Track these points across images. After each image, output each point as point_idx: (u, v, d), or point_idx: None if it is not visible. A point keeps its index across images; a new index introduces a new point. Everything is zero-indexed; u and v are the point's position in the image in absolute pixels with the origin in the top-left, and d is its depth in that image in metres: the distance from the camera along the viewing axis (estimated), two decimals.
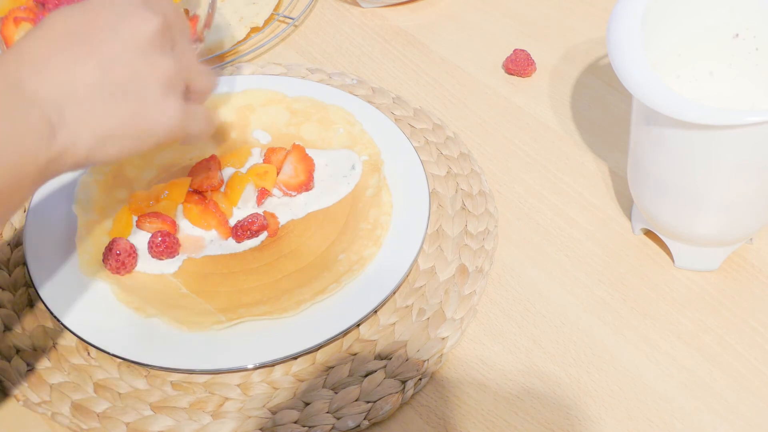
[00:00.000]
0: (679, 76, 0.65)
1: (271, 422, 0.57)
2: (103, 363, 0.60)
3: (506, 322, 0.62)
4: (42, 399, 0.58)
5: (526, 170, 0.73)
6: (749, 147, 0.55)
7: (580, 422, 0.57)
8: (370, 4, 0.89)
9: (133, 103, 0.52)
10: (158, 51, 0.53)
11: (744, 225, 0.61)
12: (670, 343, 0.61)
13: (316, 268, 0.64)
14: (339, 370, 0.59)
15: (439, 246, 0.66)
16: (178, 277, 0.64)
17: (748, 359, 0.60)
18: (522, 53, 0.80)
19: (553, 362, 0.60)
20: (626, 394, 0.58)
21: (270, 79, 0.78)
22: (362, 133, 0.72)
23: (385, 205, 0.67)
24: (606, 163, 0.73)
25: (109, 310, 0.61)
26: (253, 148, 0.73)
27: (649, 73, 0.55)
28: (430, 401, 0.59)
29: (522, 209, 0.70)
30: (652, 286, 0.64)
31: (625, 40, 0.56)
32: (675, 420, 0.57)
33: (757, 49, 0.63)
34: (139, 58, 0.52)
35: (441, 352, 0.60)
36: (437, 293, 0.63)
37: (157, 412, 0.58)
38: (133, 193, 0.68)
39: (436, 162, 0.72)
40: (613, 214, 0.69)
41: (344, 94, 0.76)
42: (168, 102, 0.53)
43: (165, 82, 0.53)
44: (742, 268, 0.65)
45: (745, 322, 0.62)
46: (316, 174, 0.70)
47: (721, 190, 0.58)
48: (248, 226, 0.66)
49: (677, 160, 0.57)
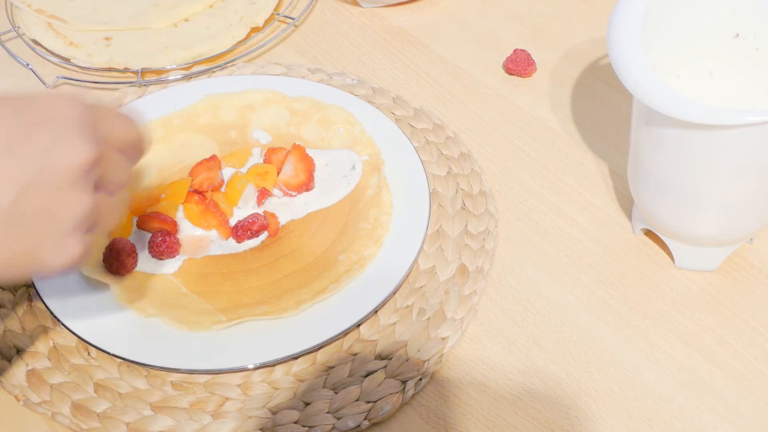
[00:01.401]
0: (679, 76, 0.65)
1: (271, 422, 0.57)
2: (104, 363, 0.60)
3: (506, 322, 0.63)
4: (42, 399, 0.58)
5: (526, 170, 0.73)
6: (749, 147, 0.55)
7: (580, 422, 0.57)
8: (370, 4, 0.89)
9: (32, 239, 0.47)
10: (80, 187, 0.47)
11: (744, 225, 0.61)
12: (670, 343, 0.61)
13: (316, 268, 0.64)
14: (339, 370, 0.59)
15: (439, 246, 0.66)
16: (179, 277, 0.64)
17: (748, 359, 0.60)
18: (522, 53, 0.80)
19: (553, 362, 0.60)
20: (626, 393, 0.58)
21: (270, 79, 0.78)
22: (362, 133, 0.72)
23: (386, 205, 0.67)
24: (606, 163, 0.73)
25: (109, 310, 0.61)
26: (254, 148, 0.73)
27: (649, 73, 0.55)
28: (431, 401, 0.59)
29: (522, 209, 0.70)
30: (653, 286, 0.64)
31: (625, 40, 0.56)
32: (675, 420, 0.57)
33: (757, 49, 0.63)
34: (57, 193, 0.46)
35: (441, 352, 0.60)
36: (437, 293, 0.63)
37: (158, 412, 0.58)
38: (133, 193, 0.68)
39: (436, 162, 0.72)
40: (614, 214, 0.69)
41: (344, 94, 0.76)
42: (70, 241, 0.48)
43: (75, 222, 0.48)
44: (743, 268, 0.65)
45: (745, 322, 0.62)
46: (317, 174, 0.70)
47: (721, 190, 0.58)
48: (248, 226, 0.66)
49: (677, 160, 0.57)
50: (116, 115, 0.51)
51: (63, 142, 0.46)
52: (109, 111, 0.50)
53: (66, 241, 0.48)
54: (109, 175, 0.50)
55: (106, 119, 0.50)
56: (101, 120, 0.49)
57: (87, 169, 0.47)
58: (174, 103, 0.75)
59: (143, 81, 0.80)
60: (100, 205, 0.49)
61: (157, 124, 0.74)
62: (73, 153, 0.46)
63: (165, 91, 0.77)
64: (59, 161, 0.46)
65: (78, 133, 0.47)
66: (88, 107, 0.48)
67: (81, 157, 0.46)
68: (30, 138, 0.46)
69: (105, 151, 0.48)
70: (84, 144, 0.47)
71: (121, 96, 0.79)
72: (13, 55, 0.83)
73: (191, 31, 0.85)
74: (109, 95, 0.79)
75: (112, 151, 0.50)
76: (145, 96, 0.78)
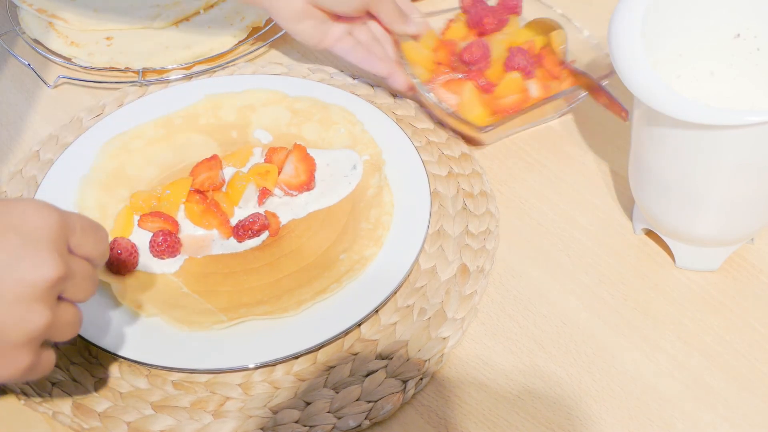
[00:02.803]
0: (679, 76, 0.65)
1: (272, 422, 0.57)
2: (104, 362, 0.60)
3: (507, 321, 0.63)
4: (43, 398, 0.58)
5: (527, 170, 0.73)
6: (750, 147, 0.55)
7: (580, 422, 0.57)
8: None
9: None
10: (39, 302, 0.45)
11: (745, 225, 0.61)
12: (671, 343, 0.61)
13: (317, 267, 0.64)
14: (340, 370, 0.59)
15: (440, 246, 0.66)
16: (179, 277, 0.64)
17: (748, 359, 0.60)
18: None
19: (554, 362, 0.60)
20: (627, 393, 0.58)
21: (271, 79, 0.78)
22: (363, 132, 0.72)
23: (387, 204, 0.67)
24: (607, 163, 0.73)
25: (110, 310, 0.61)
26: (255, 147, 0.73)
27: (649, 73, 0.55)
28: (431, 401, 0.59)
29: (523, 209, 0.70)
30: (653, 286, 0.64)
31: (625, 40, 0.56)
32: (675, 420, 0.57)
33: (758, 50, 0.63)
34: (13, 308, 0.45)
35: (442, 352, 0.60)
36: (438, 293, 0.63)
37: (158, 411, 0.58)
38: (134, 193, 0.68)
39: (437, 162, 0.72)
40: (614, 214, 0.69)
41: (345, 93, 0.76)
42: (19, 353, 0.46)
43: (27, 336, 0.46)
44: (743, 268, 0.65)
45: (745, 322, 0.62)
46: (318, 174, 0.70)
47: (721, 190, 0.58)
48: (249, 225, 0.66)
49: (678, 159, 0.58)
50: (88, 227, 0.49)
51: (27, 255, 0.45)
52: (81, 223, 0.49)
53: (14, 352, 0.46)
54: (74, 289, 0.48)
55: (78, 232, 0.48)
56: (72, 233, 0.48)
57: (50, 285, 0.45)
58: (175, 102, 0.75)
59: (144, 81, 0.80)
60: (60, 317, 0.47)
61: (158, 124, 0.74)
62: (36, 268, 0.45)
63: (166, 90, 0.77)
64: (21, 275, 0.44)
65: (44, 248, 0.45)
66: (61, 219, 0.47)
67: (44, 274, 0.45)
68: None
69: (72, 265, 0.47)
70: (50, 260, 0.45)
71: (121, 95, 0.79)
72: (15, 54, 0.83)
73: (192, 31, 0.85)
74: (110, 94, 0.79)
75: (79, 263, 0.48)
76: (146, 96, 0.78)
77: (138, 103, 0.76)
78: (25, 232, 0.45)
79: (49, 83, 0.81)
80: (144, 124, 0.74)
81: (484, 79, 0.72)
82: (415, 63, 0.74)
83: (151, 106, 0.75)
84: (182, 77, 0.80)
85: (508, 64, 0.72)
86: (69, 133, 0.75)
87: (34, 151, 0.74)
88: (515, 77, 0.72)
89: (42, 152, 0.74)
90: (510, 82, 0.72)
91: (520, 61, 0.72)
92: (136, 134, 0.73)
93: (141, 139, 0.73)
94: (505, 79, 0.72)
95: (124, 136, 0.73)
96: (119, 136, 0.72)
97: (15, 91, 0.81)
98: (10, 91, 0.82)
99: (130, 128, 0.73)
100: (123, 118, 0.74)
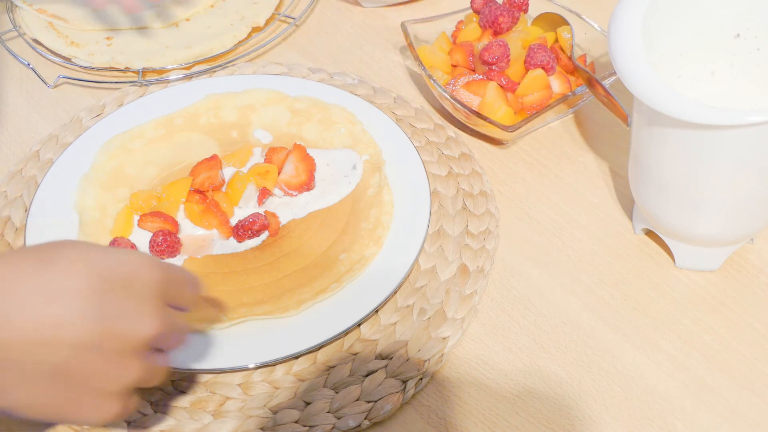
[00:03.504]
0: (680, 76, 0.65)
1: (272, 422, 0.57)
2: None
3: (507, 321, 0.63)
4: None
5: (527, 170, 0.73)
6: (750, 147, 0.55)
7: (581, 422, 0.57)
8: (371, 3, 0.89)
9: (74, 394, 0.46)
10: (135, 356, 0.47)
11: (745, 225, 0.61)
12: (671, 343, 0.61)
13: (317, 267, 0.64)
14: (340, 370, 0.59)
15: (440, 246, 0.66)
16: None
17: (748, 359, 0.60)
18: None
19: (554, 362, 0.60)
20: (627, 393, 0.58)
21: (271, 79, 0.78)
22: (363, 132, 0.72)
23: (386, 204, 0.67)
24: (607, 162, 0.73)
25: None
26: (255, 147, 0.73)
27: (650, 73, 0.55)
28: (431, 401, 0.59)
29: (523, 209, 0.70)
30: (653, 286, 0.64)
31: (625, 41, 0.56)
32: (676, 420, 0.57)
33: (758, 50, 0.63)
34: (113, 360, 0.46)
35: (442, 352, 0.60)
36: (438, 293, 0.63)
37: (158, 411, 0.58)
38: (134, 193, 0.68)
39: (437, 162, 0.72)
40: (614, 213, 0.69)
41: (345, 93, 0.76)
42: (110, 401, 0.48)
43: (122, 387, 0.48)
44: (744, 269, 0.65)
45: (746, 322, 0.62)
46: (318, 173, 0.70)
47: (721, 190, 0.58)
48: (249, 225, 0.66)
49: (678, 159, 0.58)
50: (185, 280, 0.52)
51: (131, 310, 0.46)
52: (179, 276, 0.51)
53: (106, 401, 0.47)
54: (168, 340, 0.50)
55: (176, 285, 0.50)
56: (171, 286, 0.49)
57: (148, 341, 0.47)
58: (175, 102, 0.75)
59: (144, 81, 0.80)
60: (149, 370, 0.49)
61: (158, 124, 0.74)
62: (141, 324, 0.47)
63: (166, 90, 0.77)
64: (123, 329, 0.46)
65: (149, 304, 0.47)
66: (163, 273, 0.49)
67: (147, 331, 0.47)
68: (105, 303, 0.45)
69: (168, 319, 0.49)
70: (153, 317, 0.47)
71: (121, 95, 0.79)
72: (15, 54, 0.83)
73: (192, 31, 0.85)
74: (110, 94, 0.79)
75: (174, 317, 0.50)
76: (146, 96, 0.78)
77: (138, 103, 0.76)
78: (131, 286, 0.47)
79: (49, 83, 0.81)
80: (144, 124, 0.74)
81: (506, 77, 0.72)
82: (432, 67, 0.74)
83: (151, 106, 0.75)
84: (182, 77, 0.80)
85: (529, 61, 0.72)
86: (69, 133, 0.75)
87: (34, 151, 0.74)
88: (539, 74, 0.72)
89: (42, 152, 0.74)
90: (534, 79, 0.71)
91: (542, 58, 0.72)
92: (136, 134, 0.73)
93: (141, 138, 0.73)
94: (529, 76, 0.72)
95: (124, 135, 0.73)
96: (119, 136, 0.72)
97: (15, 91, 0.81)
98: (10, 91, 0.82)
99: (130, 128, 0.73)
100: (123, 118, 0.74)
